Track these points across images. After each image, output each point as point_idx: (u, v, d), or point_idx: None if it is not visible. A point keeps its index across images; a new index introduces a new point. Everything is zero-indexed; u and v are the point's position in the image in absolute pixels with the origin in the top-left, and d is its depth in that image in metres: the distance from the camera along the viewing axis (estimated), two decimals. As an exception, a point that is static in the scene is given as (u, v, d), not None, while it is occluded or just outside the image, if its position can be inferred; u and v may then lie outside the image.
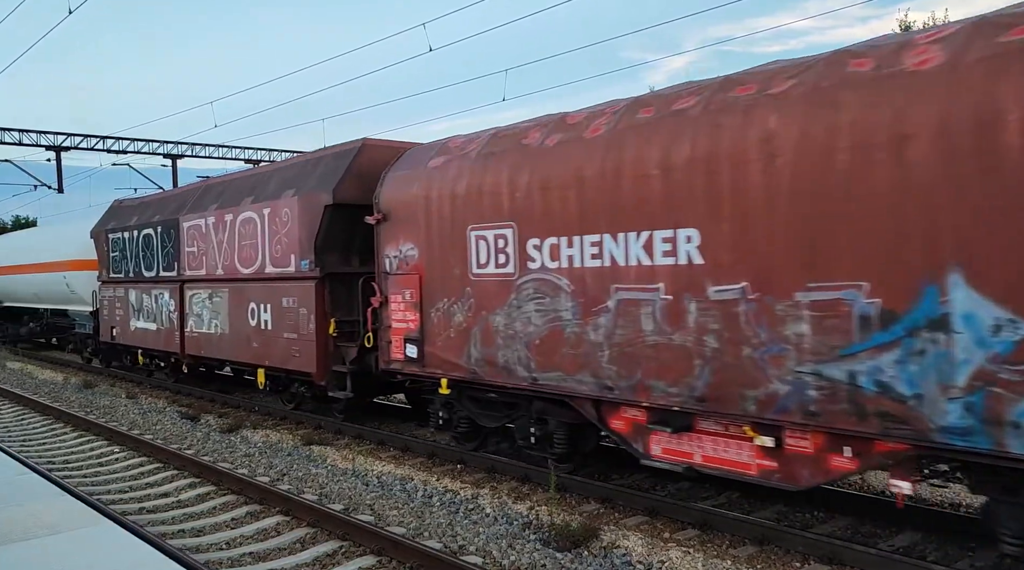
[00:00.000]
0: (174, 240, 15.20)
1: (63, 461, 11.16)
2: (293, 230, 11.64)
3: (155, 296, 16.09)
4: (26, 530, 5.58)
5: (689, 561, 6.20)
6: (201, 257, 14.28)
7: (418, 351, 9.55)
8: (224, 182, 14.84)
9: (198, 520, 8.14)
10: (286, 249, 11.83)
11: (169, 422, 13.47)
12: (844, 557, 6.09)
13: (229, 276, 13.39)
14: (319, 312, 11.22)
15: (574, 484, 8.34)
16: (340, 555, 6.88)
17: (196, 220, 14.45)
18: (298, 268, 11.53)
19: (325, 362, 11.29)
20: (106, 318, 18.64)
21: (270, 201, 12.24)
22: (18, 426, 13.96)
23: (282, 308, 11.94)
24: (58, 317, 23.99)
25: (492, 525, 7.47)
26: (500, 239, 8.36)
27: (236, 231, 13.12)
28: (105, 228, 18.60)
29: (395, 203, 9.85)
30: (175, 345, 15.39)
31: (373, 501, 8.46)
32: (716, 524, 7.00)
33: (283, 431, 11.94)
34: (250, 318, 12.79)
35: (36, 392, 17.67)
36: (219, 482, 9.29)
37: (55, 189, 31.09)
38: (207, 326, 14.19)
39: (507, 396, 8.80)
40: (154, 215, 16.35)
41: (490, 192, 8.44)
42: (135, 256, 16.96)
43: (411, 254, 9.64)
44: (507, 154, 8.41)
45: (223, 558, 6.89)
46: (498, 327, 8.42)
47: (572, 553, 6.60)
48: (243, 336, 13.04)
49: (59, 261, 21.64)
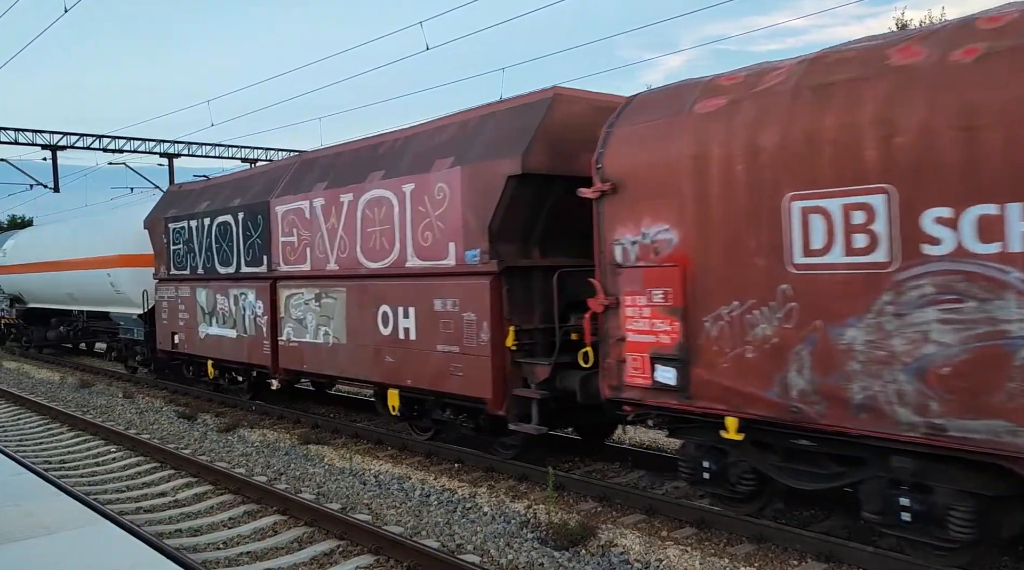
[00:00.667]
0: (262, 228, 12.34)
1: (60, 461, 11.14)
2: (453, 211, 8.86)
3: (234, 297, 13.20)
4: (23, 530, 5.57)
5: (687, 559, 6.20)
6: (303, 249, 11.46)
7: (678, 376, 6.82)
8: (332, 155, 11.77)
9: (195, 519, 8.13)
10: (441, 236, 9.03)
11: (166, 421, 13.45)
12: (841, 555, 6.09)
13: (347, 272, 10.59)
14: (495, 318, 8.45)
15: (572, 483, 8.33)
16: (337, 554, 6.87)
17: (296, 203, 11.59)
18: (461, 261, 8.82)
19: (503, 384, 8.48)
20: (165, 322, 15.56)
21: (413, 175, 9.42)
22: (14, 426, 13.93)
23: (434, 313, 9.15)
24: (94, 320, 21.20)
25: (490, 524, 7.47)
26: (858, 211, 5.64)
27: (359, 215, 10.32)
28: (164, 216, 15.50)
29: (633, 168, 7.17)
30: (263, 357, 12.51)
31: (371, 500, 8.45)
32: (714, 522, 7.00)
33: (280, 430, 11.92)
34: (381, 325, 9.98)
35: (32, 392, 17.63)
36: (216, 481, 9.28)
37: (51, 188, 30.98)
38: (312, 334, 11.32)
39: (837, 446, 6.09)
40: (232, 199, 13.49)
41: (835, 141, 5.74)
42: (206, 249, 14.03)
43: (664, 238, 6.90)
44: (867, 82, 5.71)
45: (220, 557, 6.88)
46: (852, 345, 5.67)
47: (570, 552, 6.60)
48: (368, 348, 10.25)
49: (102, 257, 18.60)
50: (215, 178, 15.67)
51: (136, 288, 17.33)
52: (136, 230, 16.95)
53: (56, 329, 23.53)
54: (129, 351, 19.04)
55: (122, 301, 18.25)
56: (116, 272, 18.12)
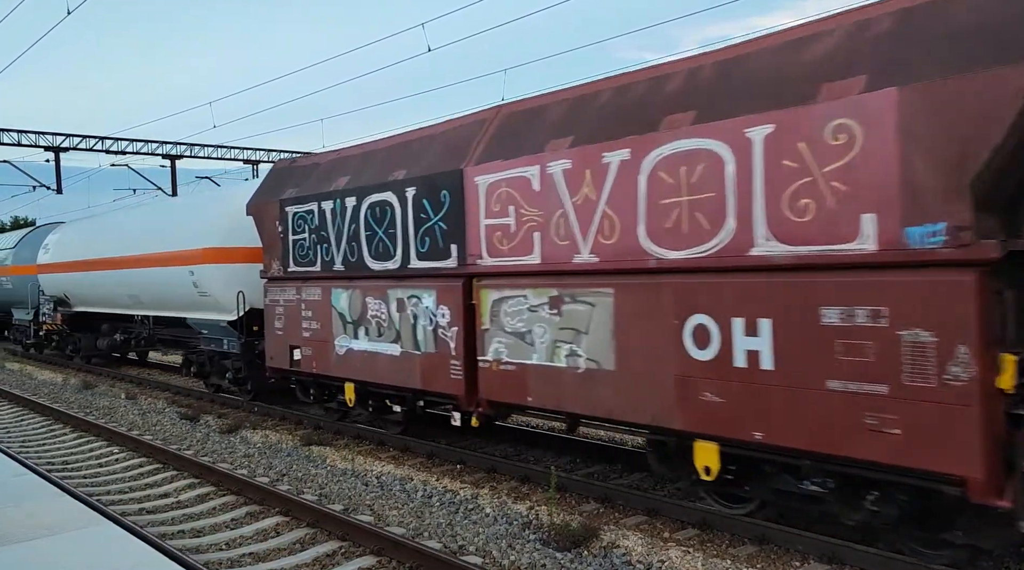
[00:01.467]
0: (449, 208, 8.96)
1: (62, 462, 11.15)
2: (873, 161, 5.50)
3: (398, 301, 9.81)
4: (25, 530, 5.57)
5: (689, 561, 6.20)
6: (526, 233, 8.08)
7: None
8: (570, 100, 8.21)
9: (198, 521, 8.14)
10: (840, 204, 5.66)
11: (168, 423, 13.46)
12: (844, 556, 6.09)
13: (616, 265, 7.23)
14: (981, 340, 5.10)
15: (573, 484, 8.33)
16: (340, 555, 6.87)
17: (512, 171, 8.22)
18: (894, 242, 5.42)
19: (996, 453, 5.17)
20: (279, 333, 12.06)
21: (772, 111, 6.06)
22: (17, 427, 13.95)
23: (818, 328, 5.83)
24: (160, 327, 18.06)
25: (492, 525, 7.47)
26: None
27: (642, 182, 6.94)
28: (278, 198, 12.02)
29: None
30: (448, 383, 9.10)
31: (373, 501, 8.46)
32: (716, 524, 7.00)
33: (282, 432, 11.92)
34: (691, 345, 6.63)
35: (35, 393, 17.65)
36: (219, 483, 9.29)
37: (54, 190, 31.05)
38: (544, 355, 7.95)
39: None
40: (391, 171, 9.94)
41: None
42: (349, 238, 10.52)
43: None
44: None
45: (223, 558, 6.88)
46: None
47: (572, 553, 6.60)
48: (663, 379, 6.87)
49: (182, 252, 15.05)
50: (351, 147, 11.69)
51: (228, 289, 14.07)
52: (230, 218, 13.93)
53: (110, 337, 20.20)
54: (215, 366, 15.35)
55: (207, 305, 14.82)
56: (201, 269, 14.54)
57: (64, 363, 22.63)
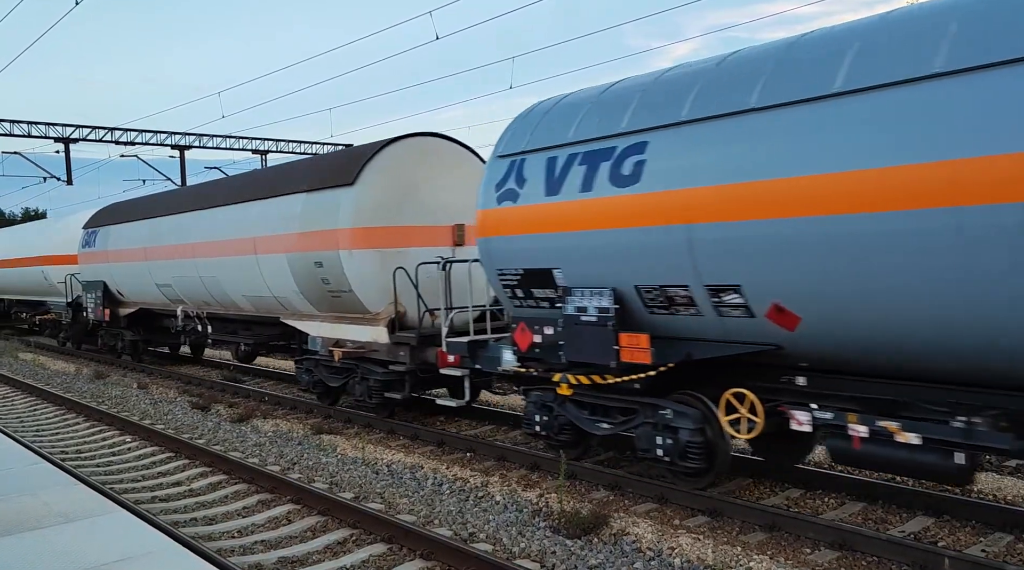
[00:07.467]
0: None
1: (76, 451, 11.24)
2: None
3: None
4: (40, 518, 5.63)
5: (699, 548, 6.21)
6: None
7: None
8: None
9: (210, 509, 8.19)
10: None
11: (180, 412, 13.55)
12: (854, 543, 6.08)
13: None
14: None
15: (583, 472, 8.34)
16: (351, 543, 6.91)
17: None
18: None
19: None
20: None
21: None
22: (31, 416, 14.06)
23: None
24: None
25: (502, 513, 7.49)
26: None
27: None
28: None
29: None
30: None
31: (383, 489, 8.49)
32: (726, 511, 7.00)
33: (293, 421, 11.98)
34: None
35: (48, 383, 17.79)
36: (230, 471, 9.34)
37: (64, 181, 31.18)
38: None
39: None
40: None
41: None
42: None
43: None
44: None
45: (235, 546, 6.93)
46: None
47: (582, 540, 6.62)
48: None
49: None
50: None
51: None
52: None
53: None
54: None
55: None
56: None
57: (76, 353, 22.75)
